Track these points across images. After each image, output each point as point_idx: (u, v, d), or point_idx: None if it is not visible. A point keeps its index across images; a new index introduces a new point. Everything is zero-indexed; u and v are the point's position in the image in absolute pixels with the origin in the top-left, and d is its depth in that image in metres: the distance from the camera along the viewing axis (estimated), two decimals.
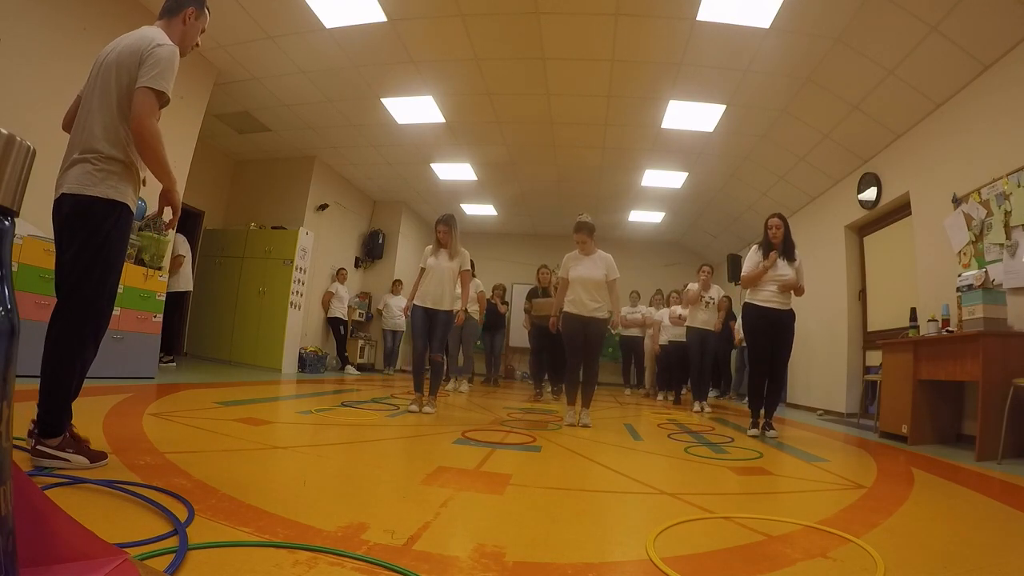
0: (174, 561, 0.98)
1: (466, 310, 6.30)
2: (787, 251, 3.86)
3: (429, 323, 3.89)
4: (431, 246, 4.09)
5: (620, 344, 8.40)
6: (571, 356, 3.92)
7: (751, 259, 3.92)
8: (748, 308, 3.91)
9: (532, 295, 6.52)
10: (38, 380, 1.63)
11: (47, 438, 1.59)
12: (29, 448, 1.61)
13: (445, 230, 4.02)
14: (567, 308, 3.90)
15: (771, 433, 3.71)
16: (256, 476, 1.77)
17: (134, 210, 1.77)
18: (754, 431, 3.74)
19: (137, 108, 1.67)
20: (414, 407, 3.82)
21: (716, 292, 5.85)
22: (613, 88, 5.37)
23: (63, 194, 1.67)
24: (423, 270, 4.01)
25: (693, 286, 5.86)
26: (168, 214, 1.89)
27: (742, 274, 3.93)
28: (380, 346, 9.25)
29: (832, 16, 3.98)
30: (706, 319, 5.76)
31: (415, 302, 3.94)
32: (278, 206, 7.79)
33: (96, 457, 1.63)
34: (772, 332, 3.79)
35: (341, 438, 2.69)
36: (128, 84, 1.70)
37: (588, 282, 3.83)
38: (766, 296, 3.82)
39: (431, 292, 3.91)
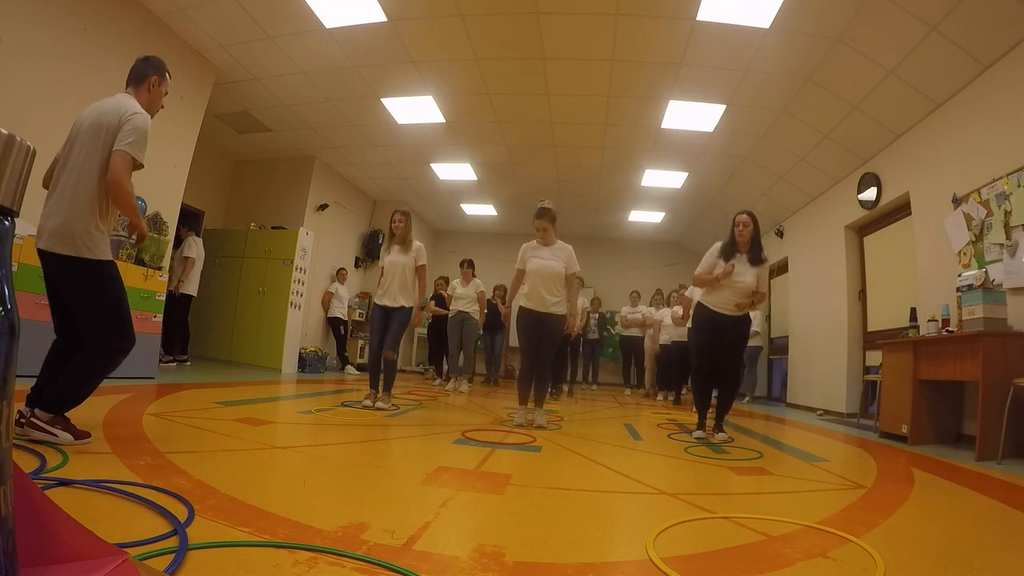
0: (174, 561, 0.98)
1: (454, 312, 6.32)
2: (753, 253, 3.44)
3: (386, 321, 3.82)
4: (386, 244, 3.99)
5: (620, 344, 8.40)
6: (525, 353, 3.65)
7: (708, 259, 3.53)
8: (699, 308, 3.61)
9: None
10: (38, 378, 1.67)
11: (45, 410, 1.82)
12: (24, 420, 1.79)
13: (402, 219, 3.90)
14: (523, 303, 3.63)
15: (720, 436, 3.37)
16: (256, 476, 1.77)
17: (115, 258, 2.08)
18: (699, 432, 3.42)
19: (114, 170, 1.91)
20: (367, 402, 3.80)
21: None
22: (613, 88, 5.37)
23: (50, 251, 1.89)
24: (383, 270, 3.94)
25: (694, 292, 5.83)
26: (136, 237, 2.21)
27: (695, 273, 3.58)
28: None
29: (832, 16, 3.99)
30: None
31: (375, 301, 3.91)
32: (278, 206, 7.80)
33: (80, 435, 1.84)
34: (719, 339, 3.45)
35: (341, 438, 2.69)
36: (109, 146, 1.93)
37: (547, 275, 3.54)
38: (719, 301, 3.46)
39: (388, 291, 3.84)
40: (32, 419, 1.78)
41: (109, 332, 1.96)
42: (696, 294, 5.74)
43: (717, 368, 3.50)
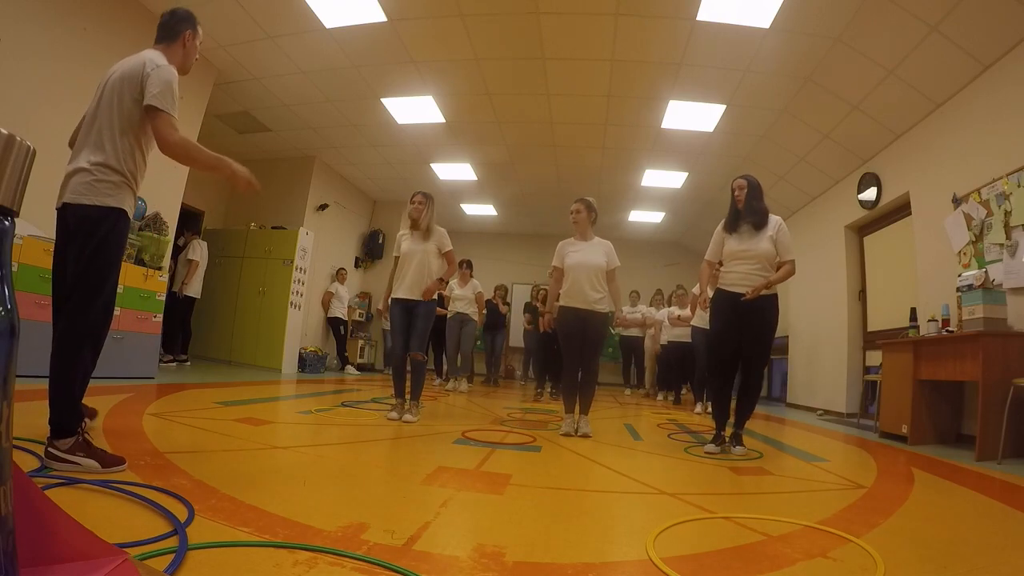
0: (174, 561, 0.98)
1: (459, 311, 6.25)
2: (755, 218, 3.02)
3: (408, 317, 3.39)
4: (403, 231, 3.56)
5: (620, 344, 8.40)
6: (568, 357, 3.41)
7: (716, 237, 3.18)
8: (716, 293, 3.15)
9: None
10: (40, 380, 1.62)
11: (57, 439, 1.61)
12: (43, 453, 1.62)
13: (422, 200, 3.46)
14: (563, 301, 3.38)
15: (738, 450, 2.90)
16: (256, 476, 1.77)
17: (131, 215, 1.85)
18: (712, 446, 2.93)
19: (159, 133, 1.80)
20: (394, 414, 3.35)
21: None
22: (613, 88, 5.37)
23: (64, 203, 1.76)
24: (397, 259, 3.50)
25: (695, 290, 5.72)
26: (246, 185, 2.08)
27: (705, 258, 3.25)
28: (380, 346, 9.25)
29: (832, 16, 3.98)
30: None
31: (393, 295, 3.47)
32: (278, 206, 7.79)
33: (111, 462, 1.60)
34: (739, 324, 2.95)
35: (341, 438, 2.69)
36: (131, 102, 1.80)
37: (589, 268, 3.31)
38: (734, 278, 3.01)
39: (407, 281, 3.39)
40: (49, 449, 1.60)
41: (94, 290, 1.75)
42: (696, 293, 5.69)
43: (740, 358, 3.02)
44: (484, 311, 6.72)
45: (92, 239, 1.73)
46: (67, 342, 1.69)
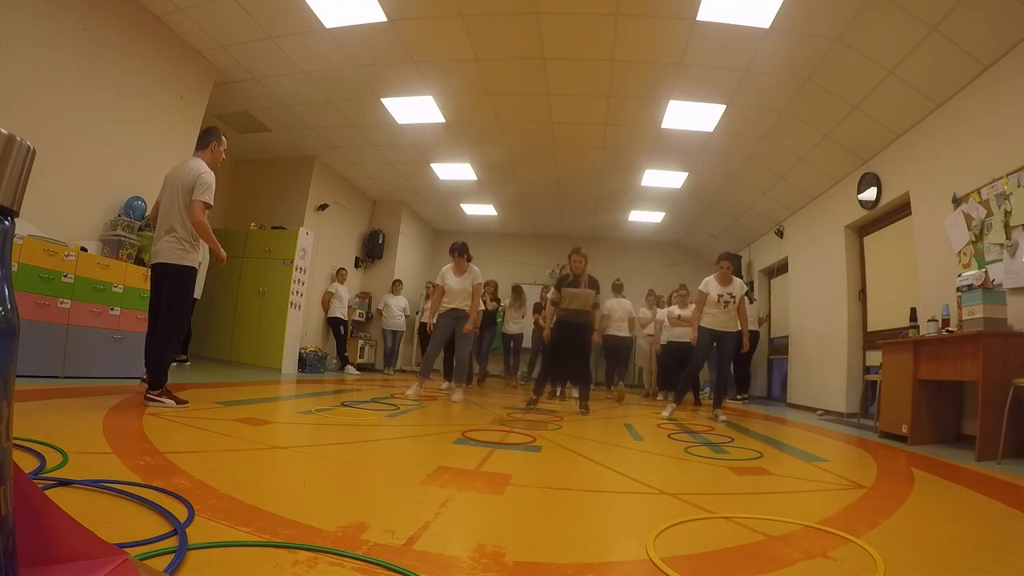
0: (174, 561, 0.97)
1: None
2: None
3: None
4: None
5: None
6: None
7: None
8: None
9: (560, 284, 5.08)
10: (40, 380, 1.65)
11: (153, 390, 2.88)
12: (144, 394, 2.90)
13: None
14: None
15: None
16: (256, 476, 1.77)
17: (198, 268, 3.10)
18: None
19: (193, 215, 2.98)
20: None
21: (738, 288, 4.85)
22: (613, 88, 5.37)
23: (159, 262, 3.00)
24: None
25: (708, 285, 4.95)
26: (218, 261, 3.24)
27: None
28: (380, 346, 9.25)
29: (832, 16, 3.99)
30: (726, 319, 4.83)
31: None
32: (278, 206, 7.80)
33: (180, 401, 2.92)
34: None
35: (341, 438, 2.69)
36: (187, 197, 2.98)
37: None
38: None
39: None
40: (149, 395, 2.86)
41: (180, 312, 3.03)
42: (711, 287, 4.93)
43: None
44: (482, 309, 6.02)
45: (179, 285, 3.00)
46: (165, 340, 2.99)
